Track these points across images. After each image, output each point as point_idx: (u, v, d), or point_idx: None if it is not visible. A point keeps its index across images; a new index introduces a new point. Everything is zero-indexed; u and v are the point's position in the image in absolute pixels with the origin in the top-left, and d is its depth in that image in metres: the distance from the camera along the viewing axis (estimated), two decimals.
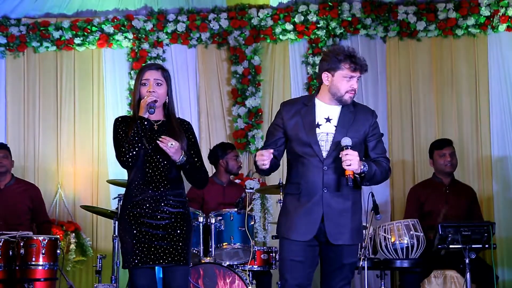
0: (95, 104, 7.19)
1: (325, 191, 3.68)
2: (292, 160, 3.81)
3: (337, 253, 3.73)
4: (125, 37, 7.14)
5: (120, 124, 4.00)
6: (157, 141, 3.85)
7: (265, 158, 3.63)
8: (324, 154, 3.70)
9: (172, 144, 3.83)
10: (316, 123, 3.75)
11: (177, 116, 4.11)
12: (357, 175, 3.64)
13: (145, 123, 3.90)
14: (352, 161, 3.57)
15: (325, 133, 3.73)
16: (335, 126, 3.74)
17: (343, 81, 3.72)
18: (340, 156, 3.61)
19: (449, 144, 6.08)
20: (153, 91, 3.94)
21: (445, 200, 5.94)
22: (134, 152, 3.87)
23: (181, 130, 4.03)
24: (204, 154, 6.59)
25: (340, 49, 3.76)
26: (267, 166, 3.65)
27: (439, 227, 5.02)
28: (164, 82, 4.00)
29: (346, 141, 3.62)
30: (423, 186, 6.15)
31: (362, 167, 3.62)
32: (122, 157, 3.89)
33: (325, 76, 3.76)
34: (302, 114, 3.78)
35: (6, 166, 6.29)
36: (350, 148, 3.60)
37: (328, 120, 3.76)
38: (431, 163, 6.12)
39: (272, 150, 3.67)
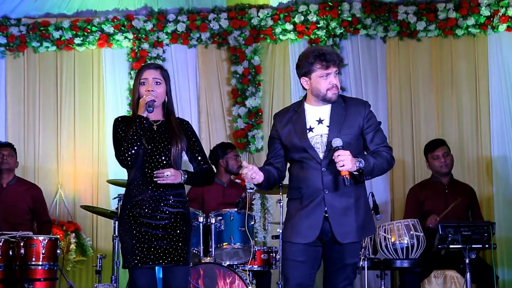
0: (95, 104, 7.19)
1: (326, 192, 3.68)
2: (292, 165, 3.83)
3: (339, 253, 3.73)
4: (125, 37, 7.14)
5: (120, 123, 4.01)
6: (155, 179, 3.87)
7: (249, 173, 3.61)
8: (321, 155, 3.70)
9: (168, 174, 3.86)
10: (308, 127, 3.76)
11: (176, 116, 4.11)
12: (355, 173, 3.63)
13: (144, 122, 3.90)
14: (344, 161, 3.55)
15: (319, 135, 3.73)
16: (328, 126, 3.74)
17: (320, 81, 3.73)
18: (333, 158, 3.60)
19: (441, 144, 6.04)
20: (152, 90, 3.94)
21: (444, 199, 5.93)
22: (133, 151, 3.87)
23: (180, 130, 4.04)
24: None
25: (309, 51, 3.80)
26: (260, 179, 3.65)
27: (439, 227, 5.03)
28: (163, 81, 4.01)
29: (336, 142, 3.61)
30: (422, 186, 6.15)
31: (357, 164, 3.60)
32: (121, 156, 3.90)
33: (304, 81, 3.80)
34: (293, 121, 3.80)
35: (10, 163, 6.30)
36: (342, 148, 3.59)
37: (320, 121, 3.76)
38: (427, 165, 6.12)
39: (252, 167, 3.64)
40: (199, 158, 4.08)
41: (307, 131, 3.74)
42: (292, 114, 3.83)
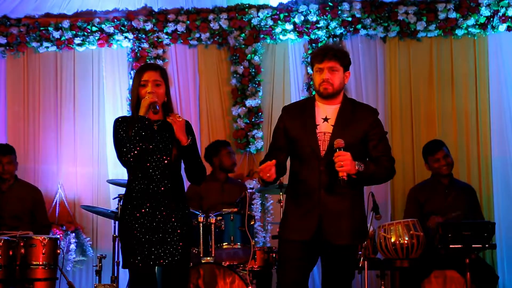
0: (95, 104, 7.19)
1: (323, 192, 3.67)
2: (292, 162, 3.82)
3: (337, 253, 3.73)
4: (125, 37, 7.14)
5: (121, 124, 4.00)
6: (167, 119, 3.90)
7: (266, 171, 3.61)
8: (322, 154, 3.70)
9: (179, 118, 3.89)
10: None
11: None
12: (353, 176, 3.62)
13: (146, 122, 3.90)
14: (344, 163, 3.56)
15: (323, 133, 3.74)
16: (332, 126, 3.74)
17: (316, 75, 3.79)
18: (333, 158, 3.60)
19: (440, 147, 5.98)
20: (153, 92, 3.93)
21: (445, 200, 5.93)
22: (136, 152, 3.86)
23: None
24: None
25: (316, 50, 3.83)
26: (273, 177, 3.63)
27: (439, 227, 5.02)
28: (163, 82, 4.00)
29: (338, 143, 3.61)
30: (423, 186, 6.13)
31: (356, 167, 3.61)
32: (123, 157, 3.89)
33: (312, 78, 3.83)
34: (303, 116, 3.80)
35: (11, 172, 6.28)
36: (343, 149, 3.59)
37: (325, 120, 3.77)
38: (427, 167, 6.08)
39: (273, 161, 3.63)
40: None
41: (316, 126, 3.74)
42: (302, 109, 3.83)
